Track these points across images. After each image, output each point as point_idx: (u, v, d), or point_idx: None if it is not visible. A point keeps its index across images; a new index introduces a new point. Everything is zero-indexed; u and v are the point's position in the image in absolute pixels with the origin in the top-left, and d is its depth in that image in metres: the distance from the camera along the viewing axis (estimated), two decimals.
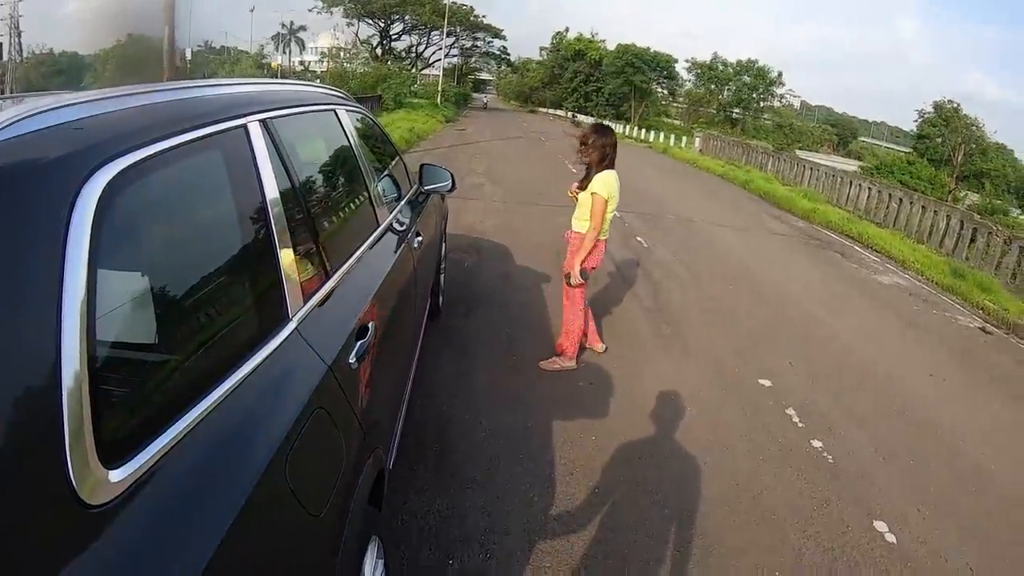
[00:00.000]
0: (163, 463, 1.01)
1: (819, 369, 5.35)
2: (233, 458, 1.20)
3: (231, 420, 1.22)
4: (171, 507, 1.01)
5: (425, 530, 2.88)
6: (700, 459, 3.76)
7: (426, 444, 3.53)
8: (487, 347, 4.96)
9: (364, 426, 1.84)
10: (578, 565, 2.85)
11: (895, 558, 3.15)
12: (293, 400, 1.45)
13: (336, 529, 1.52)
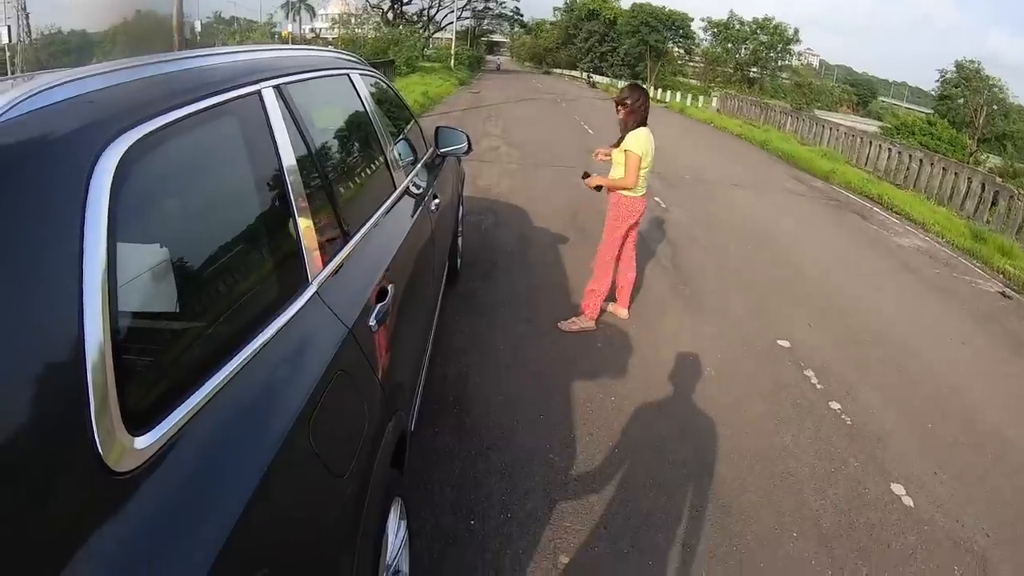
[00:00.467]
0: (188, 429, 1.01)
1: (838, 331, 5.29)
2: (257, 421, 1.20)
3: (254, 384, 1.22)
4: (197, 472, 1.01)
5: (447, 491, 2.89)
6: (718, 420, 3.74)
7: (446, 407, 3.54)
8: (505, 309, 4.94)
9: (385, 388, 1.83)
10: (598, 524, 2.86)
11: (912, 521, 3.14)
12: (315, 363, 1.44)
13: (359, 490, 1.52)
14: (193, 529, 0.95)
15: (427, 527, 2.69)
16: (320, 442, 1.32)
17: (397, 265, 2.30)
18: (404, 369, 2.31)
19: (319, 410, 1.35)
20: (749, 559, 2.81)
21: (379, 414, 1.73)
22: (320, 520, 1.33)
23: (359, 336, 1.70)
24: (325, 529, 1.34)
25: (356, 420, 1.60)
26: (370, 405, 1.69)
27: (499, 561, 2.61)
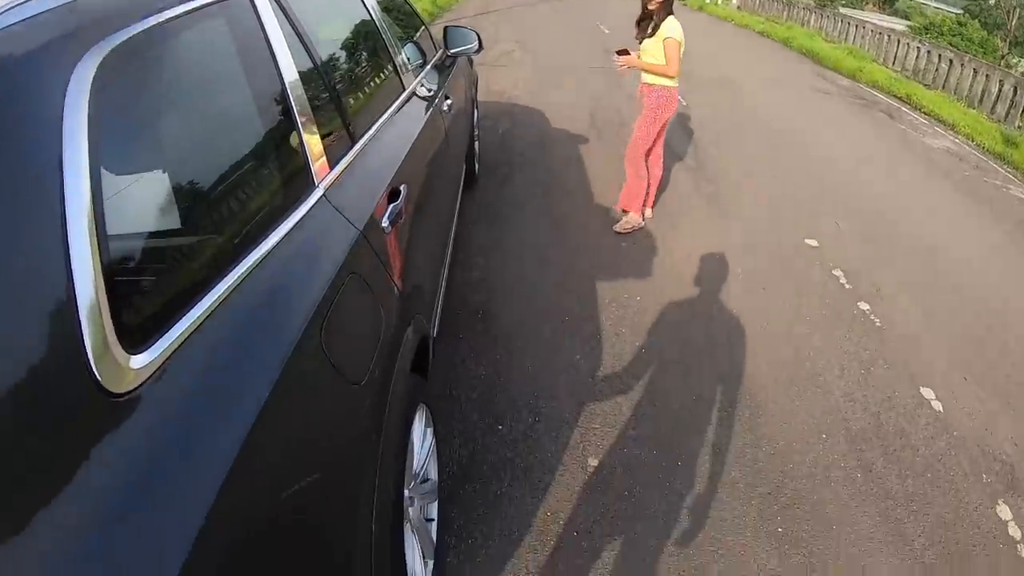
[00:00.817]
0: (190, 344, 0.95)
1: (867, 232, 5.10)
2: (265, 330, 1.13)
3: (260, 293, 1.15)
4: (201, 389, 0.95)
5: (473, 397, 2.83)
6: (745, 319, 3.64)
7: (470, 312, 3.45)
8: (526, 211, 4.78)
9: (401, 292, 1.76)
10: (626, 426, 2.80)
11: (941, 426, 3.07)
12: (324, 267, 1.36)
13: (379, 398, 1.46)
14: (199, 449, 0.90)
15: (455, 433, 2.64)
16: (334, 349, 1.26)
17: (409, 166, 2.17)
18: (422, 272, 2.21)
19: (331, 315, 1.28)
20: (779, 461, 2.76)
21: (396, 318, 1.66)
22: (340, 429, 1.27)
23: (371, 238, 1.62)
24: (344, 439, 1.29)
25: (372, 325, 1.52)
26: (387, 309, 1.60)
27: (528, 464, 2.57)
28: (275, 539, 1.01)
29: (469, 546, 2.26)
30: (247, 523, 0.94)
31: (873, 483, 2.73)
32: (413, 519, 1.92)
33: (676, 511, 2.50)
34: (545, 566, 2.24)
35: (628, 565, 2.29)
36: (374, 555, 1.39)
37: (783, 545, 2.44)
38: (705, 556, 2.36)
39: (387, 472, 1.47)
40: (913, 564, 2.41)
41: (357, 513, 1.31)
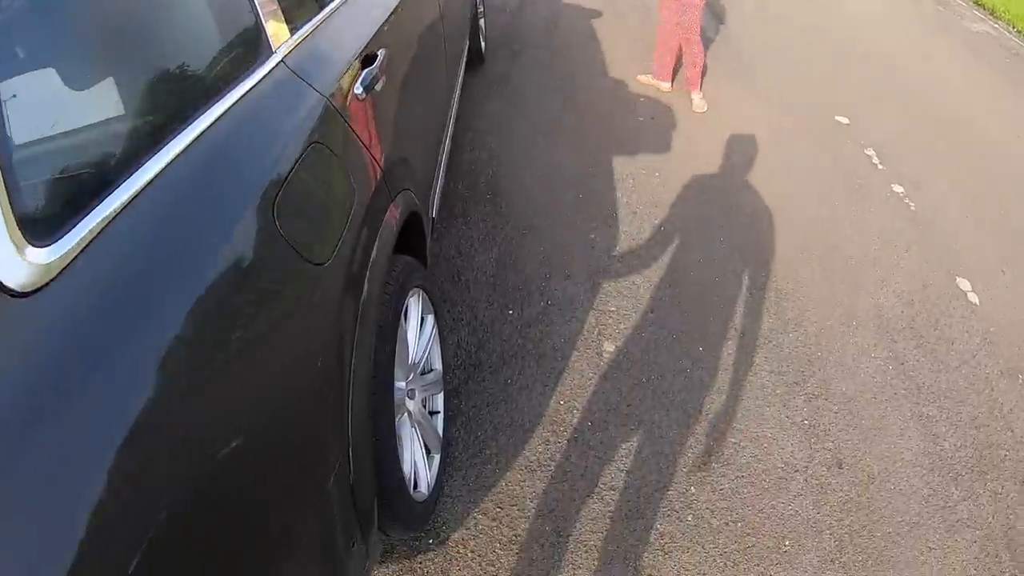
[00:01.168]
0: (111, 231, 0.82)
1: (900, 112, 4.69)
2: (203, 210, 0.98)
3: (198, 168, 1.00)
4: (125, 282, 0.82)
5: (482, 282, 2.57)
6: (772, 198, 3.33)
7: (478, 192, 3.12)
8: (537, 88, 4.32)
9: (382, 163, 1.58)
10: (645, 309, 2.57)
11: (976, 320, 2.84)
12: (279, 137, 1.20)
13: (352, 279, 1.30)
14: (122, 350, 0.76)
15: (462, 320, 2.40)
16: (291, 225, 1.11)
17: (391, 32, 1.90)
18: (411, 144, 1.94)
19: (288, 188, 1.13)
20: (806, 348, 2.55)
21: (374, 190, 1.48)
22: (299, 314, 1.11)
23: (339, 104, 1.43)
24: (307, 324, 1.13)
25: (340, 199, 1.35)
26: (359, 180, 1.43)
27: (539, 351, 2.35)
28: (223, 446, 0.87)
29: (477, 439, 2.07)
30: (187, 427, 0.82)
31: (904, 376, 2.54)
32: (414, 412, 1.72)
33: (697, 400, 2.31)
34: (557, 459, 2.06)
35: (645, 458, 2.11)
36: (352, 452, 1.25)
37: (809, 438, 2.27)
38: (727, 448, 2.19)
39: (364, 361, 1.31)
40: (943, 466, 2.25)
41: (328, 407, 1.18)
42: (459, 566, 1.79)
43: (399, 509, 1.50)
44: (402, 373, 1.64)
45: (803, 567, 1.97)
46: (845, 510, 2.12)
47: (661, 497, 2.05)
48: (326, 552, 1.21)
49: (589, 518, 1.96)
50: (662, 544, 1.95)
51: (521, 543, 1.87)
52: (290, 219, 1.11)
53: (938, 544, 2.09)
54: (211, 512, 0.85)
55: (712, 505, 2.06)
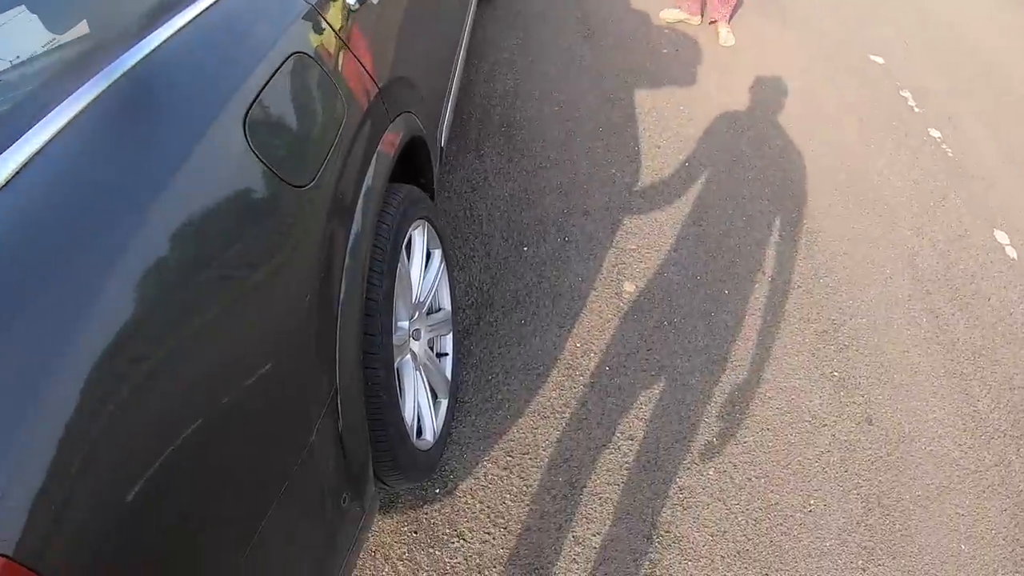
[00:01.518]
0: (49, 153, 0.73)
1: (938, 54, 4.37)
2: (160, 123, 0.86)
3: (153, 81, 0.89)
4: (64, 207, 0.72)
5: (496, 216, 2.37)
6: (803, 136, 3.09)
7: (492, 125, 2.87)
8: (555, 20, 4.00)
9: (377, 80, 1.38)
10: (668, 248, 2.38)
11: (1014, 275, 2.64)
12: (253, 44, 1.05)
13: (341, 206, 1.15)
14: (63, 288, 0.68)
15: (474, 257, 2.21)
16: (266, 142, 0.97)
17: None
18: (415, 64, 1.71)
19: (262, 101, 0.99)
20: (838, 295, 2.37)
21: (367, 110, 1.30)
22: (275, 244, 0.96)
23: (329, 14, 1.26)
24: (285, 256, 0.98)
25: (325, 115, 1.18)
26: (351, 98, 1.25)
27: (556, 289, 2.16)
28: (185, 395, 0.77)
29: (488, 383, 1.91)
30: (146, 374, 0.72)
31: (939, 330, 2.36)
32: (419, 354, 1.54)
33: (720, 346, 2.14)
34: (572, 406, 1.90)
35: (665, 406, 1.96)
36: (340, 399, 1.11)
37: (839, 391, 2.11)
38: (752, 399, 2.03)
39: (353, 299, 1.16)
40: (975, 428, 2.10)
41: (312, 350, 1.04)
42: (467, 518, 1.65)
43: (400, 459, 1.34)
44: (405, 312, 1.46)
45: (828, 528, 1.84)
46: (873, 469, 1.98)
47: (681, 449, 1.90)
48: (311, 512, 1.05)
49: (605, 469, 1.81)
50: (681, 499, 1.81)
51: (532, 494, 1.72)
52: (264, 135, 0.97)
53: (967, 510, 1.95)
54: (174, 471, 0.74)
55: (735, 459, 1.91)
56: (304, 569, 1.05)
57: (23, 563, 0.57)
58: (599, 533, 1.70)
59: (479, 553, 1.61)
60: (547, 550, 1.65)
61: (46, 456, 0.61)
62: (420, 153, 1.67)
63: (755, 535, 1.79)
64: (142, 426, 0.70)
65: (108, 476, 0.66)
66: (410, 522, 1.62)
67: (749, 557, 1.75)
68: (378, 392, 1.26)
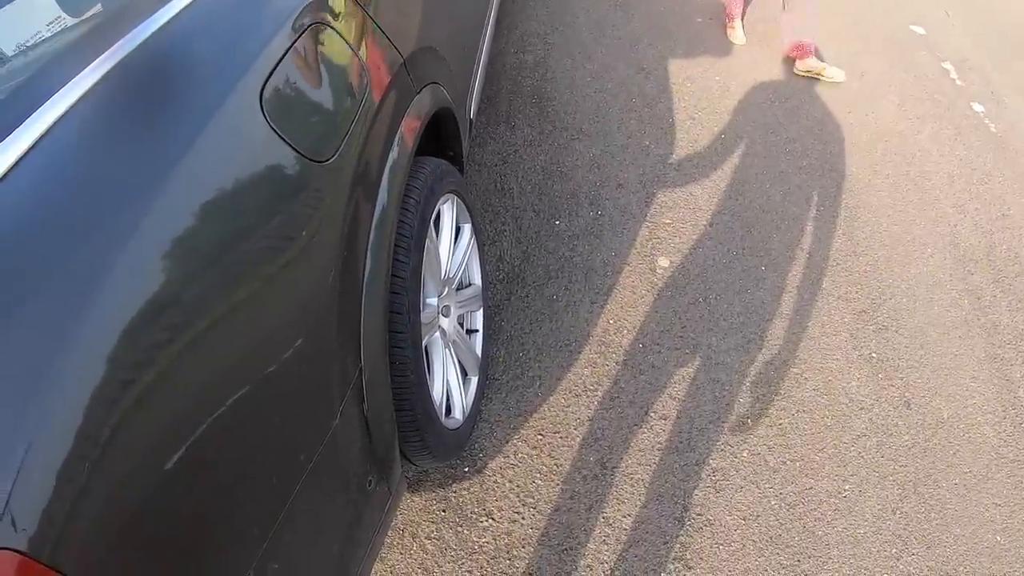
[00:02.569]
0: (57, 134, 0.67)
1: (981, 25, 4.08)
2: (172, 97, 0.79)
3: (172, 50, 0.83)
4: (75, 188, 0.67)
5: (526, 189, 2.23)
6: (841, 108, 2.89)
7: (523, 97, 2.71)
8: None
9: (401, 50, 1.27)
10: (703, 223, 2.24)
11: None
12: (268, 17, 0.94)
13: (365, 181, 1.04)
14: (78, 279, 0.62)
15: (505, 231, 2.08)
16: (281, 115, 0.88)
17: None
18: (441, 33, 1.57)
19: (280, 72, 0.90)
20: (877, 273, 2.22)
21: (391, 81, 1.19)
22: (294, 217, 0.87)
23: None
24: (305, 230, 0.88)
25: (347, 86, 1.06)
26: (371, 68, 1.13)
27: (589, 264, 2.04)
28: (203, 379, 0.71)
29: (519, 360, 1.80)
30: (168, 355, 0.66)
31: (980, 313, 2.21)
32: (448, 331, 1.44)
33: (756, 324, 2.01)
34: (604, 384, 1.80)
35: (699, 386, 1.84)
36: (365, 380, 1.02)
37: (877, 373, 1.98)
38: (788, 379, 1.91)
39: (379, 275, 1.07)
40: (1016, 415, 1.96)
41: (336, 328, 0.95)
42: (496, 496, 1.57)
43: (428, 438, 1.25)
44: (434, 288, 1.36)
45: (863, 515, 1.73)
46: (910, 455, 1.85)
47: (715, 429, 1.79)
48: (336, 496, 0.97)
49: (637, 449, 1.71)
50: (714, 481, 1.70)
51: (563, 474, 1.63)
52: (282, 109, 0.88)
53: (1005, 500, 1.83)
54: (195, 458, 0.68)
55: (769, 441, 1.80)
56: (329, 552, 0.98)
57: (38, 558, 0.52)
58: (630, 515, 1.61)
59: (508, 533, 1.52)
60: (577, 531, 1.56)
61: (61, 445, 0.56)
62: (448, 126, 1.55)
63: (788, 520, 1.69)
64: (161, 412, 0.65)
65: (128, 464, 0.61)
66: (439, 500, 1.53)
67: (781, 542, 1.65)
68: (405, 372, 1.17)
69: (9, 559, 0.51)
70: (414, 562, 1.46)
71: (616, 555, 1.54)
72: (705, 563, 1.58)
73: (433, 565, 1.46)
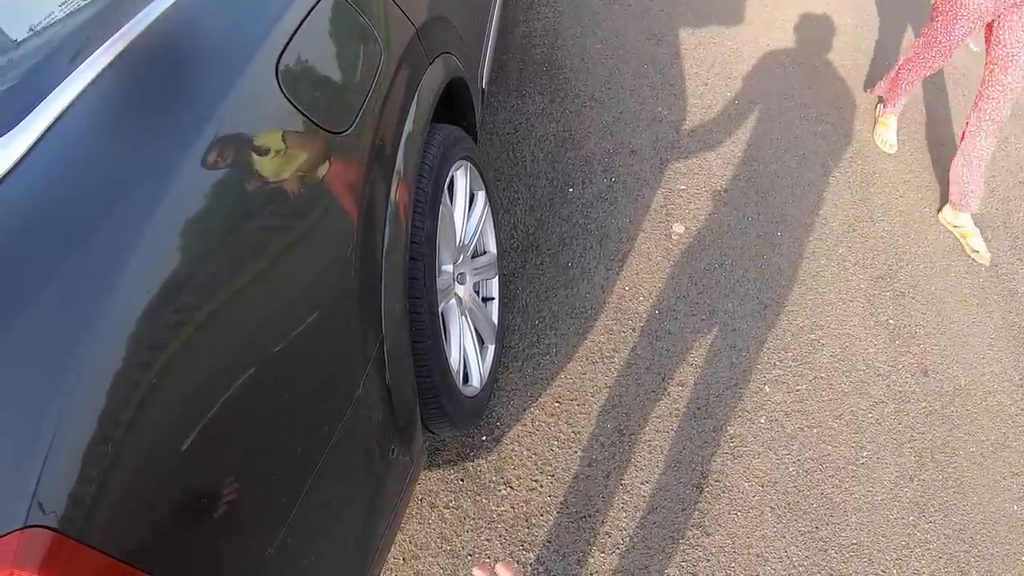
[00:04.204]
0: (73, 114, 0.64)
1: None
2: (189, 72, 0.75)
3: (185, 25, 0.78)
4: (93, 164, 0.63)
5: (539, 157, 2.13)
6: (855, 74, 2.74)
7: (534, 66, 2.58)
8: None
9: (414, 20, 1.21)
10: (720, 189, 2.14)
11: None
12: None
13: (381, 151, 0.98)
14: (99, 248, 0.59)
15: (519, 199, 1.99)
16: (297, 88, 0.84)
17: None
18: (451, 4, 1.47)
19: (292, 46, 0.86)
20: (894, 240, 2.13)
21: (405, 51, 1.13)
22: (312, 189, 0.83)
23: None
24: (324, 202, 0.84)
25: (362, 57, 1.01)
26: (385, 39, 1.07)
27: (604, 231, 1.95)
28: (222, 354, 0.67)
29: (535, 327, 1.73)
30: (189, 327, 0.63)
31: (997, 280, 2.12)
32: (464, 299, 1.37)
33: (773, 289, 1.93)
34: (621, 351, 1.73)
35: (716, 352, 1.77)
36: (387, 349, 0.97)
37: (894, 340, 1.90)
38: (805, 345, 1.84)
39: (398, 244, 1.01)
40: None
41: (357, 299, 0.89)
42: (514, 465, 1.50)
43: (446, 406, 1.19)
44: (449, 256, 1.29)
45: (880, 482, 1.66)
46: (928, 423, 1.78)
47: (732, 396, 1.72)
48: (359, 467, 0.93)
49: (654, 416, 1.64)
50: (732, 447, 1.64)
51: (581, 441, 1.56)
52: (298, 81, 0.84)
53: (1022, 469, 1.77)
54: (219, 432, 0.65)
55: (787, 407, 1.73)
56: (354, 522, 0.94)
57: (69, 534, 0.52)
58: (648, 481, 1.55)
59: (526, 501, 1.47)
60: (595, 498, 1.50)
61: (87, 428, 0.55)
62: (461, 95, 1.47)
63: (806, 487, 1.63)
64: (184, 391, 0.63)
65: (152, 442, 0.59)
66: (457, 470, 1.47)
67: (799, 509, 1.59)
68: (422, 338, 1.10)
69: (42, 536, 0.50)
70: (433, 532, 1.40)
71: (635, 522, 1.49)
72: (724, 529, 1.52)
73: (452, 534, 1.41)
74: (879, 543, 1.57)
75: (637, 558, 1.45)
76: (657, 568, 1.44)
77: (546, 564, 1.40)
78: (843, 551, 1.55)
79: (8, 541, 0.49)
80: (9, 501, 0.50)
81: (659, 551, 1.46)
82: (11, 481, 0.51)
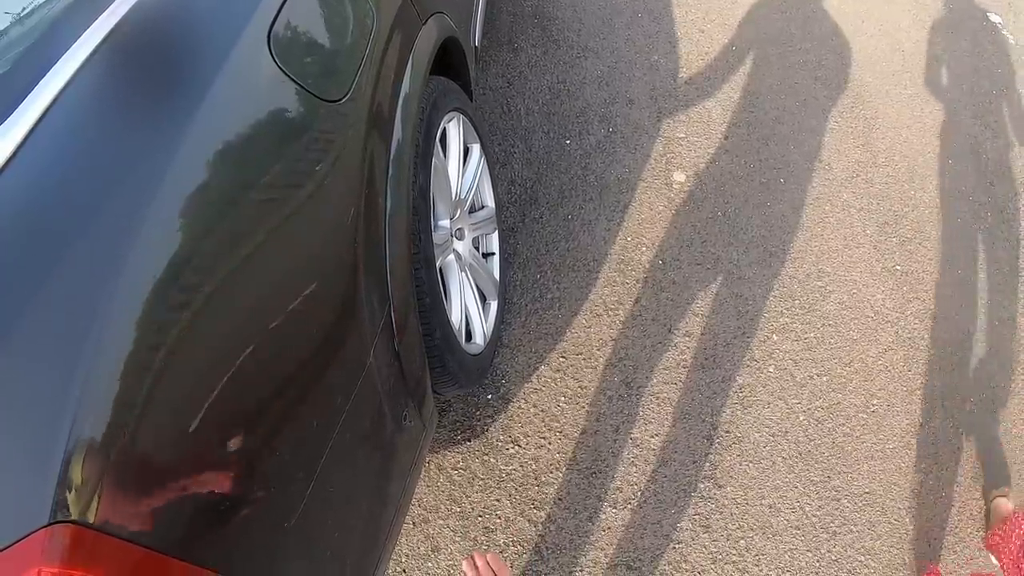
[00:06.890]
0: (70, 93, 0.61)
1: None
2: (178, 47, 0.71)
3: (169, 8, 0.72)
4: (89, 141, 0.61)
5: (534, 110, 2.00)
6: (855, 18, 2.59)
7: (524, 19, 2.43)
8: None
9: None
10: (720, 136, 2.03)
11: None
12: None
13: (380, 115, 0.93)
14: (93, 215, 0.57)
15: (516, 152, 1.87)
16: (291, 58, 0.78)
17: None
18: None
19: (283, 16, 0.80)
20: (899, 185, 2.04)
21: (398, 14, 1.06)
22: (313, 159, 0.78)
23: None
24: (326, 170, 0.79)
25: (354, 22, 0.95)
26: (377, 2, 1.00)
27: (603, 182, 1.84)
28: (232, 327, 0.64)
29: (537, 282, 1.63)
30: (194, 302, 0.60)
31: (1003, 224, 2.04)
32: (464, 255, 1.26)
33: (777, 237, 1.84)
34: (625, 303, 1.63)
35: (722, 301, 1.68)
36: (394, 314, 0.90)
37: (902, 286, 1.82)
38: (812, 292, 1.75)
39: (401, 209, 0.94)
40: None
41: (362, 265, 0.84)
42: (521, 423, 1.42)
43: (449, 365, 1.10)
44: (445, 210, 1.18)
45: (891, 429, 1.59)
46: (937, 370, 1.71)
47: (740, 345, 1.63)
48: (373, 434, 0.86)
49: (662, 368, 1.56)
50: (741, 397, 1.56)
51: (588, 396, 1.48)
52: (292, 51, 0.80)
53: None
54: (232, 408, 0.63)
55: (795, 356, 1.65)
56: (369, 489, 0.89)
57: (94, 527, 0.51)
58: (657, 434, 1.47)
59: (535, 459, 1.39)
60: (604, 453, 1.42)
61: (102, 415, 0.53)
62: (455, 54, 1.36)
63: (817, 435, 1.56)
64: (196, 372, 0.60)
65: (167, 425, 0.57)
66: (463, 430, 1.39)
67: (811, 458, 1.52)
68: (421, 295, 1.01)
69: (67, 532, 0.50)
70: (442, 494, 1.32)
71: (646, 476, 1.41)
72: (736, 481, 1.45)
73: (461, 496, 1.33)
74: (891, 492, 1.51)
75: (649, 512, 1.38)
76: (670, 522, 1.37)
77: (557, 522, 1.33)
78: (855, 500, 1.48)
79: (34, 540, 0.49)
80: (32, 500, 0.49)
81: (671, 504, 1.39)
82: (33, 479, 0.50)
